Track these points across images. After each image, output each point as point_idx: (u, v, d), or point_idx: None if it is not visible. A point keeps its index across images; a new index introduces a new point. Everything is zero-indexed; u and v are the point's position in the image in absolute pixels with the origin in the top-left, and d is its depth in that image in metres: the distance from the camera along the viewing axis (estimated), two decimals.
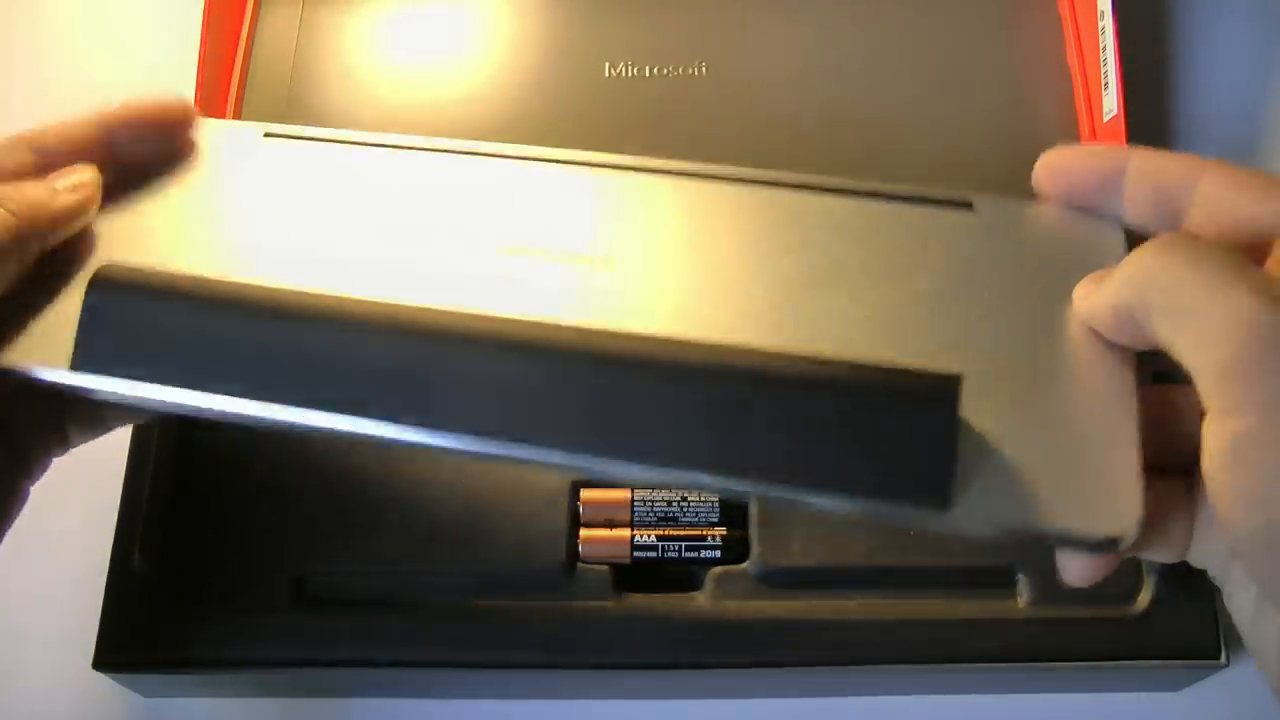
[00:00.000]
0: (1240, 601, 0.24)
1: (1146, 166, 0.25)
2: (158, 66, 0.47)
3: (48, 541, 0.38)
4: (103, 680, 0.34)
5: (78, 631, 0.34)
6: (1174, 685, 0.36)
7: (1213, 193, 0.23)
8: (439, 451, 0.25)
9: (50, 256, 0.27)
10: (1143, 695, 0.36)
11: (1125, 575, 0.26)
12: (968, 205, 0.28)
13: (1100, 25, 0.42)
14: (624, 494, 0.35)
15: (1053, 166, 0.27)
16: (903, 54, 0.44)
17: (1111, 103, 0.41)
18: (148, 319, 0.26)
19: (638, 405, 0.24)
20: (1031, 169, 0.28)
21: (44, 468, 0.29)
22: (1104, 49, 0.41)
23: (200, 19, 0.41)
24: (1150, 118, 0.46)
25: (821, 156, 0.42)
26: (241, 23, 0.44)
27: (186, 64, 0.41)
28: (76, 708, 0.37)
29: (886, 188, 0.28)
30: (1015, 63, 0.44)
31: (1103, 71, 0.41)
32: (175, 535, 0.34)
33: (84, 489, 0.39)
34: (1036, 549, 0.34)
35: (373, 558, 0.34)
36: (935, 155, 0.42)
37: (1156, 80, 0.47)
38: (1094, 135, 0.42)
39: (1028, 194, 0.28)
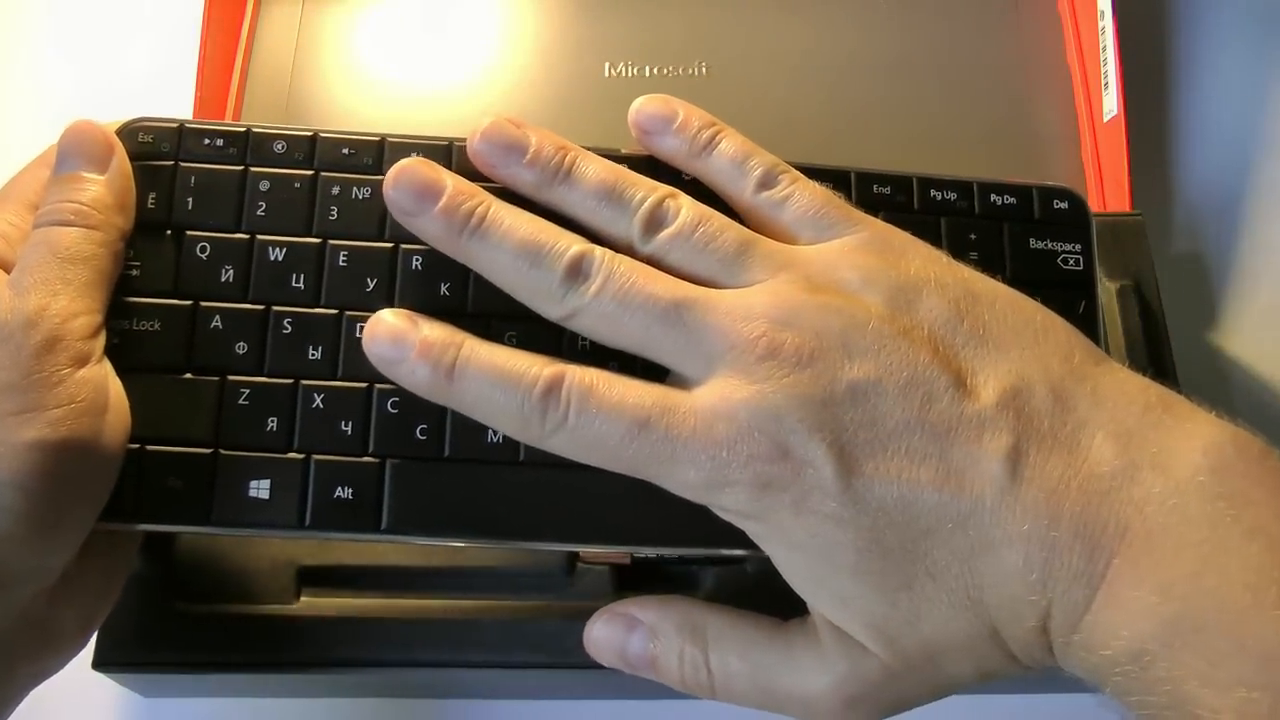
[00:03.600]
0: None
1: None
2: (158, 66, 0.48)
3: None
4: (103, 680, 0.34)
5: None
6: None
7: None
8: None
9: None
10: None
11: None
12: None
13: (1100, 25, 0.42)
14: None
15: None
16: (903, 53, 0.44)
17: (1111, 103, 0.41)
18: None
19: None
20: (1031, 169, 0.28)
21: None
22: (1104, 49, 0.41)
23: (200, 19, 0.41)
24: (1150, 118, 0.46)
25: (821, 156, 0.42)
26: (241, 23, 0.44)
27: (186, 64, 0.41)
28: (76, 708, 0.36)
29: None
30: (1015, 63, 0.44)
31: (1103, 71, 0.41)
32: (175, 535, 0.34)
33: None
34: None
35: (372, 557, 0.34)
36: (935, 155, 0.42)
37: (1156, 80, 0.47)
38: (1094, 135, 0.42)
39: None
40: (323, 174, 0.29)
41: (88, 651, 0.33)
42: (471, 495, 0.27)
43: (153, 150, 0.29)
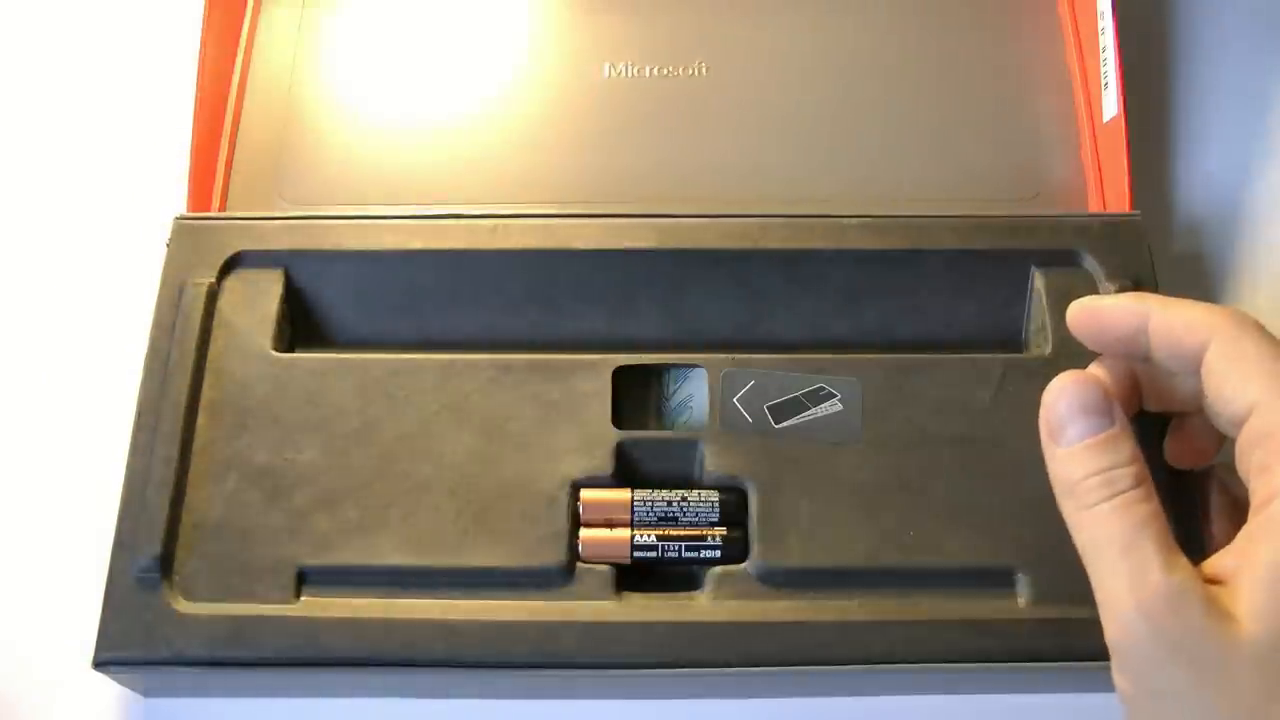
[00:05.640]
0: None
1: (1162, 326, 0.29)
2: (158, 67, 0.48)
3: (47, 541, 0.38)
4: (103, 680, 0.34)
5: (78, 631, 0.34)
6: None
7: (1214, 364, 0.28)
8: None
9: None
10: None
11: None
12: None
13: (1100, 25, 0.42)
14: (624, 494, 0.35)
15: (1080, 318, 0.30)
16: (903, 54, 0.44)
17: (1111, 103, 0.41)
18: None
19: None
20: (1031, 171, 0.28)
21: None
22: (1104, 49, 0.41)
23: (200, 19, 0.41)
24: (1150, 118, 0.46)
25: (821, 157, 0.42)
26: (241, 23, 0.44)
27: (186, 64, 0.41)
28: (76, 708, 0.37)
29: None
30: (1015, 63, 0.44)
31: (1102, 71, 0.41)
32: (175, 534, 0.34)
33: (84, 488, 0.39)
34: (1036, 549, 0.34)
35: (372, 557, 0.34)
36: (935, 155, 0.42)
37: (1156, 80, 0.47)
38: (1094, 135, 0.42)
39: (1026, 195, 0.28)
40: None
41: (88, 651, 0.33)
42: None
43: None
